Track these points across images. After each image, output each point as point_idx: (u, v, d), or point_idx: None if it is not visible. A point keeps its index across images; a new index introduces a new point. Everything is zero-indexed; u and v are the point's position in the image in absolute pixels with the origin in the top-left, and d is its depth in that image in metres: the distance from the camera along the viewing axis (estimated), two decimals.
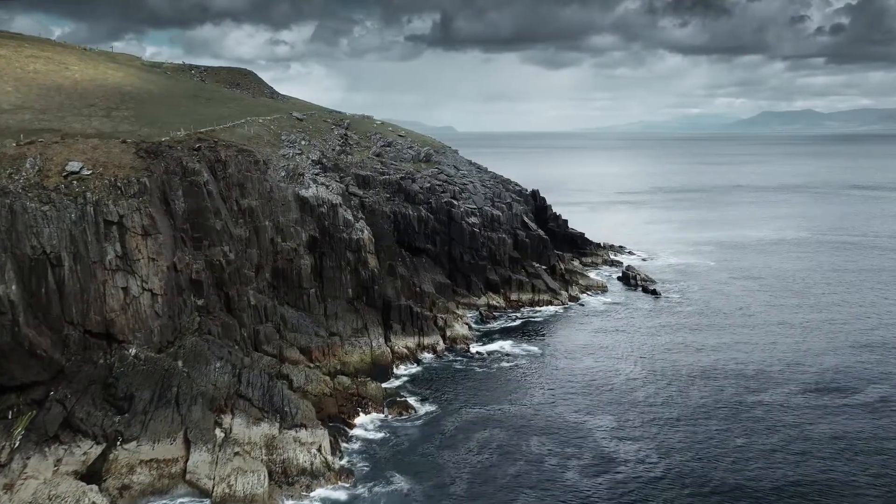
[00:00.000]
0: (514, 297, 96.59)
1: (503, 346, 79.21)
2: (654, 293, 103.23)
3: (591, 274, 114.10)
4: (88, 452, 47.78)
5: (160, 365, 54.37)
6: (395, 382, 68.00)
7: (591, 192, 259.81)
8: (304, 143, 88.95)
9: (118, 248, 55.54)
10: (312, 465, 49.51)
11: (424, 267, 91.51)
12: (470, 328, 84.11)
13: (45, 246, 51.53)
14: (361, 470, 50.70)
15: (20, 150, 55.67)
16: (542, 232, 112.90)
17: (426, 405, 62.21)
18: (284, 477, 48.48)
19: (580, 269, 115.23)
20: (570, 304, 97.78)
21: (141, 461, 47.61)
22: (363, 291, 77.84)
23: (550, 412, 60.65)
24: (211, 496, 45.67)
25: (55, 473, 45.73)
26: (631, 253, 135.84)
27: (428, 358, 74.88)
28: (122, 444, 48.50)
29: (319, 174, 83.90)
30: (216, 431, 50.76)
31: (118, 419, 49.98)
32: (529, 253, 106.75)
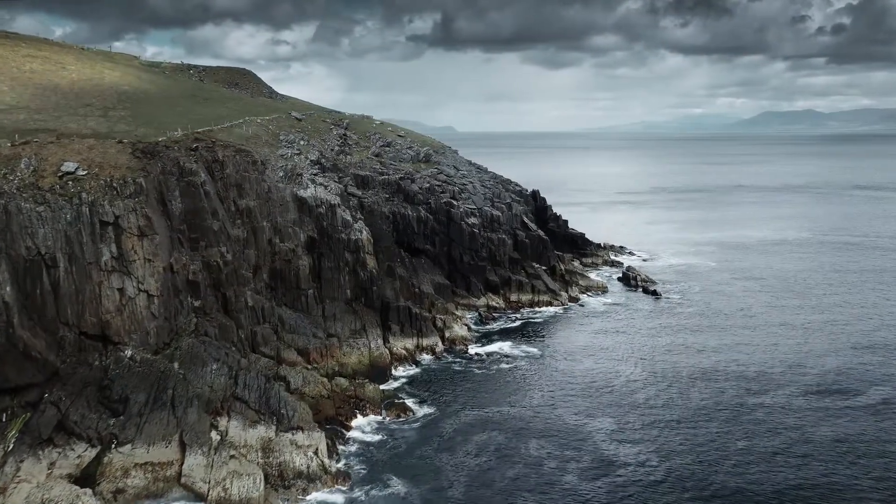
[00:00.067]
0: (513, 297, 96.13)
1: (502, 347, 78.71)
2: (654, 294, 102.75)
3: (591, 274, 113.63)
4: (83, 455, 47.29)
5: (156, 367, 53.89)
6: (393, 384, 67.53)
7: (591, 192, 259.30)
8: (302, 143, 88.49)
9: (114, 248, 55.13)
10: (309, 468, 49.03)
11: (423, 268, 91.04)
12: (469, 329, 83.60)
13: (39, 247, 51.05)
14: (358, 473, 50.23)
15: (15, 150, 55.24)
16: (541, 232, 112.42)
17: (424, 407, 61.74)
18: (280, 480, 48.03)
19: (580, 269, 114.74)
20: (569, 304, 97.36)
21: (135, 464, 47.12)
22: (361, 292, 77.40)
23: (550, 414, 60.16)
24: (206, 500, 45.23)
25: (49, 477, 45.24)
26: (631, 253, 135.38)
27: (427, 359, 74.41)
28: (116, 447, 48.02)
29: (318, 174, 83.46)
30: (212, 434, 50.27)
31: (113, 422, 49.51)
32: (529, 253, 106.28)
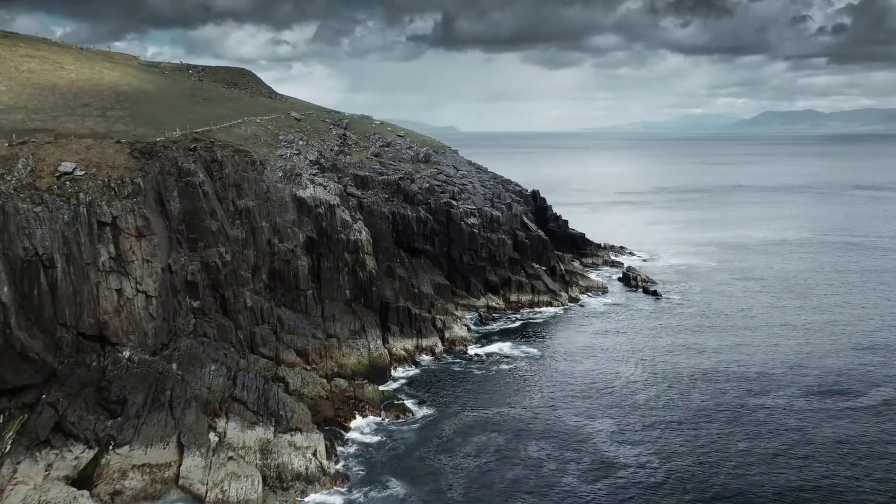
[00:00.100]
0: (513, 298, 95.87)
1: (502, 347, 78.44)
2: (654, 294, 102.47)
3: (591, 275, 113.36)
4: (80, 457, 47.06)
5: (154, 368, 53.66)
6: (392, 385, 67.28)
7: (592, 192, 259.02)
8: (301, 143, 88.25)
9: (112, 249, 54.88)
10: (307, 469, 48.79)
11: (423, 268, 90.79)
12: (469, 330, 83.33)
13: (37, 247, 50.84)
14: (357, 474, 49.99)
15: (12, 150, 55.00)
16: (541, 233, 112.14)
17: (424, 408, 61.49)
18: (279, 482, 47.80)
19: (580, 269, 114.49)
20: (570, 305, 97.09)
21: (133, 466, 46.89)
22: (361, 293, 77.15)
23: (549, 415, 59.90)
24: (204, 501, 44.99)
25: (46, 479, 45.01)
26: (632, 254, 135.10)
27: (426, 360, 74.17)
28: (114, 448, 47.79)
29: (317, 174, 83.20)
30: (210, 435, 50.02)
31: (111, 423, 49.29)
32: (529, 254, 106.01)
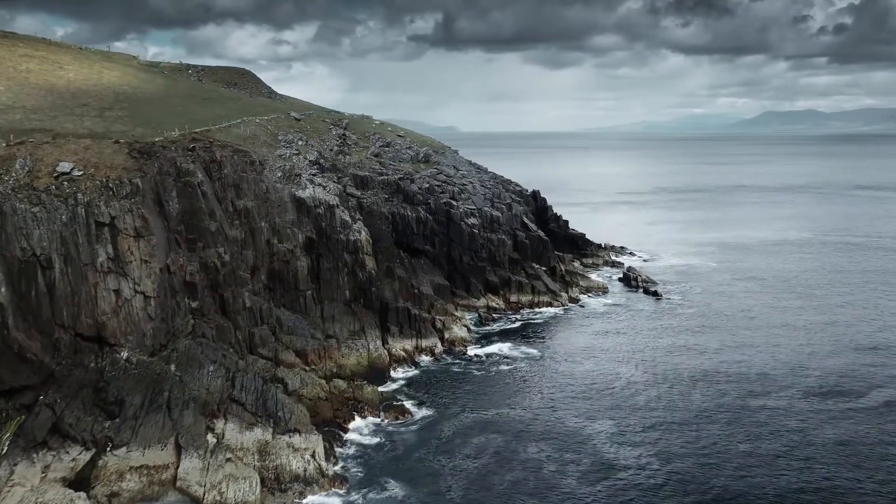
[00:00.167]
0: (513, 298, 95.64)
1: (502, 348, 78.22)
2: (655, 294, 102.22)
3: (591, 275, 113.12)
4: (77, 459, 46.80)
5: (152, 369, 53.41)
6: (391, 386, 67.05)
7: (592, 192, 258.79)
8: (301, 143, 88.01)
9: (110, 249, 54.60)
10: (306, 471, 48.56)
11: (423, 268, 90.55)
12: (469, 330, 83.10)
13: (34, 248, 50.59)
14: (356, 476, 49.76)
15: (10, 150, 54.73)
16: (542, 233, 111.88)
17: (423, 409, 61.25)
18: (277, 484, 47.60)
19: (581, 270, 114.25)
20: (570, 305, 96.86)
21: (130, 467, 46.61)
22: (360, 293, 76.90)
23: (549, 417, 59.65)
24: (202, 503, 44.72)
25: (42, 480, 44.76)
26: (632, 254, 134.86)
27: (426, 361, 73.93)
28: (111, 450, 47.51)
29: (317, 175, 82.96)
30: (208, 437, 49.74)
31: (108, 424, 49.02)
32: (529, 254, 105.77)
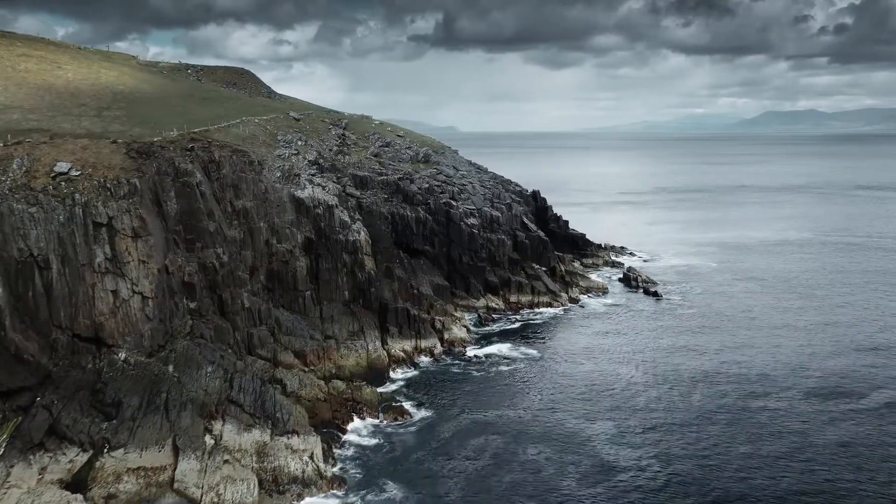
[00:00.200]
0: (513, 299, 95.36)
1: (501, 349, 77.96)
2: (655, 295, 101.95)
3: (591, 275, 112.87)
4: (74, 460, 46.57)
5: (150, 370, 53.14)
6: (391, 387, 66.79)
7: (593, 192, 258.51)
8: (300, 143, 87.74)
9: (107, 250, 54.32)
10: (304, 472, 48.32)
11: (422, 269, 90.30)
12: (468, 331, 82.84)
13: (32, 248, 50.37)
14: (354, 477, 49.51)
15: (7, 150, 54.49)
16: (541, 233, 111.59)
17: (422, 410, 60.98)
18: (275, 485, 47.35)
19: (581, 270, 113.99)
20: (570, 305, 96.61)
21: (128, 469, 46.36)
22: (360, 294, 76.63)
23: (549, 418, 59.38)
24: None
25: (39, 482, 44.53)
26: (632, 254, 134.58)
27: (425, 361, 73.67)
28: (108, 451, 47.27)
29: (316, 175, 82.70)
30: (206, 438, 49.50)
31: (105, 426, 48.77)
32: (529, 254, 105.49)
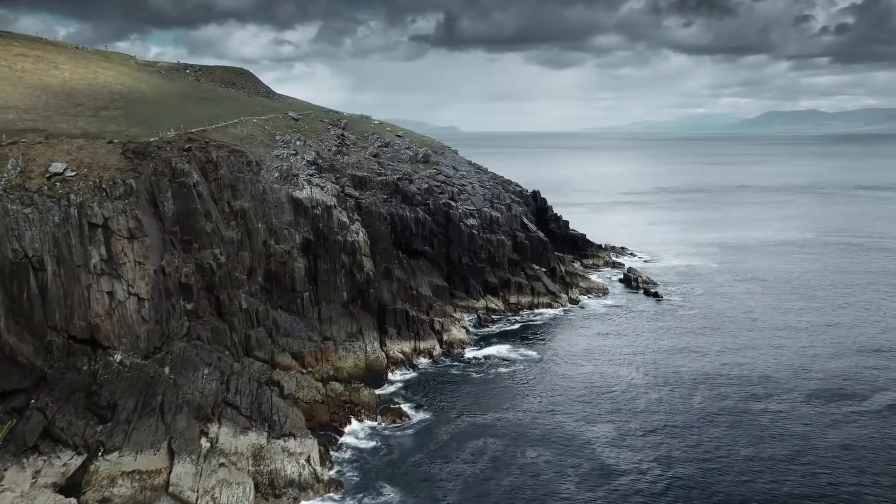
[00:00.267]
0: (513, 299, 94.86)
1: (501, 350, 77.48)
2: (656, 296, 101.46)
3: (591, 276, 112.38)
4: (68, 464, 46.04)
5: (146, 372, 52.66)
6: (389, 388, 66.31)
7: (593, 192, 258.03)
8: (298, 143, 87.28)
9: (103, 251, 53.84)
10: (300, 476, 47.88)
11: (422, 269, 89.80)
12: (467, 332, 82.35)
13: (26, 249, 49.85)
14: (351, 481, 49.04)
15: (2, 150, 53.99)
16: (541, 233, 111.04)
17: (420, 412, 60.49)
18: (271, 489, 46.89)
19: (581, 271, 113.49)
20: (570, 306, 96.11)
21: (122, 472, 45.85)
22: (358, 295, 76.14)
23: (548, 420, 58.89)
24: None
25: (33, 486, 44.02)
26: (633, 254, 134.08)
27: (424, 363, 73.19)
28: (103, 454, 46.75)
29: (314, 175, 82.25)
30: (201, 441, 49.05)
31: (100, 429, 48.23)
32: (529, 255, 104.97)
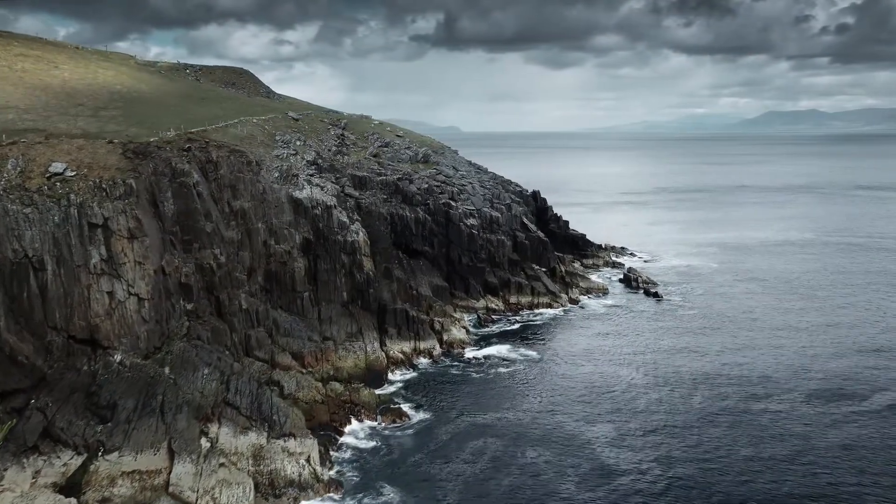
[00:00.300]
0: (512, 300, 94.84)
1: (501, 350, 77.46)
2: (656, 296, 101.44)
3: (591, 276, 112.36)
4: (68, 464, 46.04)
5: (146, 372, 52.65)
6: (389, 388, 66.29)
7: (593, 192, 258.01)
8: (298, 143, 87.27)
9: (103, 251, 53.84)
10: (300, 476, 47.86)
11: (422, 269, 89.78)
12: (467, 332, 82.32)
13: (27, 249, 49.88)
14: (351, 481, 49.03)
15: (2, 150, 53.98)
16: (541, 233, 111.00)
17: (420, 412, 60.48)
18: (271, 489, 46.88)
19: (581, 271, 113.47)
20: (570, 306, 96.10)
21: (122, 473, 45.81)
22: (358, 295, 76.13)
23: (548, 420, 58.87)
24: None
25: (33, 486, 44.01)
26: (633, 254, 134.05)
27: (424, 363, 73.19)
28: (103, 454, 46.72)
29: (314, 175, 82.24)
30: (201, 441, 49.03)
31: (100, 429, 48.23)
32: (529, 255, 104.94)
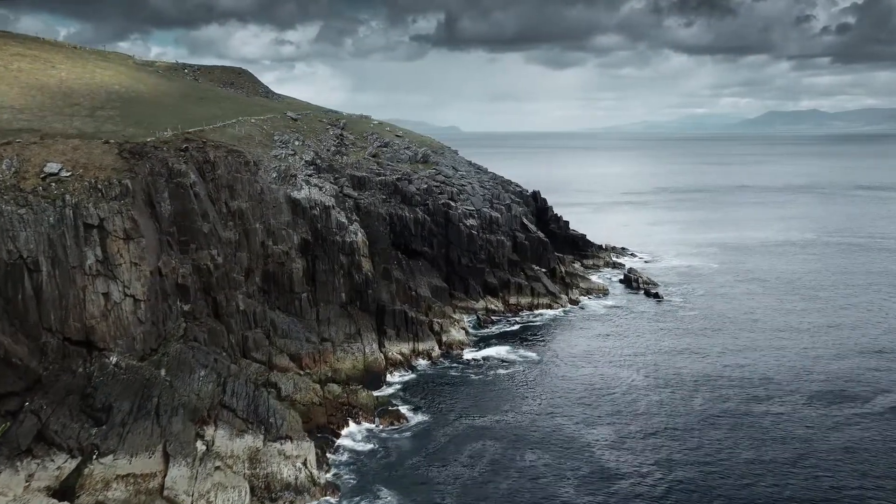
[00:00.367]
0: (512, 300, 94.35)
1: (500, 351, 76.99)
2: (656, 296, 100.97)
3: (592, 277, 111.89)
4: (62, 467, 45.56)
5: (141, 374, 52.14)
6: (387, 390, 65.82)
7: (593, 192, 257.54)
8: (297, 143, 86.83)
9: (98, 252, 53.38)
10: (297, 479, 47.36)
11: (421, 270, 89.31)
12: (467, 333, 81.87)
13: (21, 250, 49.40)
14: (348, 484, 48.56)
15: None
16: (541, 234, 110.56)
17: (419, 414, 60.01)
18: (267, 492, 46.39)
19: (581, 271, 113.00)
20: (570, 307, 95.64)
21: (117, 476, 45.30)
22: (357, 296, 75.67)
23: (548, 423, 58.39)
24: None
25: (26, 490, 43.54)
26: (633, 255, 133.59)
27: (423, 364, 72.72)
28: (97, 457, 46.23)
29: (313, 175, 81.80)
30: (197, 444, 48.50)
31: (95, 431, 47.73)
32: (529, 255, 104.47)
